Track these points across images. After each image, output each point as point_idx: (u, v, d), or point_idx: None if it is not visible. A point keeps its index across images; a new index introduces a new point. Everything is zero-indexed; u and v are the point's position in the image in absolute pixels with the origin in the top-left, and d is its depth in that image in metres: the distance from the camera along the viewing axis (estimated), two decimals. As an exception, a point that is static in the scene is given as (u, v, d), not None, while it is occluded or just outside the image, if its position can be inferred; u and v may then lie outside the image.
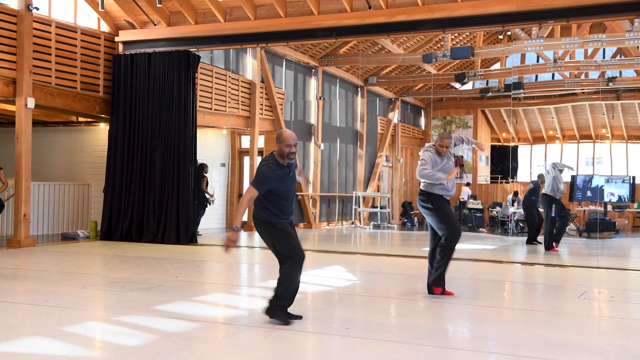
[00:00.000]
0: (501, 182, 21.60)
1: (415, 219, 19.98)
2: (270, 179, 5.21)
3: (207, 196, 13.52)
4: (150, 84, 12.54)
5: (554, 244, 12.15)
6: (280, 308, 5.32)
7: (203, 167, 13.55)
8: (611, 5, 9.76)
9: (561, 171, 12.19)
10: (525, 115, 22.01)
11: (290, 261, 5.29)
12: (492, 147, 23.10)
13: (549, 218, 12.09)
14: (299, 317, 5.39)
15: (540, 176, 13.19)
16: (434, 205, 6.70)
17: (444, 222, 6.67)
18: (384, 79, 19.45)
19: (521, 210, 14.79)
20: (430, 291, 6.71)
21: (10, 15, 10.93)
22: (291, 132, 5.34)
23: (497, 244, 14.28)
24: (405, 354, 4.47)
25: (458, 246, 6.74)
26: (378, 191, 19.85)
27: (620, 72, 18.11)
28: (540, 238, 13.04)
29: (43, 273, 8.21)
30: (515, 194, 17.46)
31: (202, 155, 14.15)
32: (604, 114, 20.53)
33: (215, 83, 14.37)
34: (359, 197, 18.17)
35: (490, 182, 22.16)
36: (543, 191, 12.33)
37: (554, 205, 12.03)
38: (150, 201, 12.34)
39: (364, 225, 18.15)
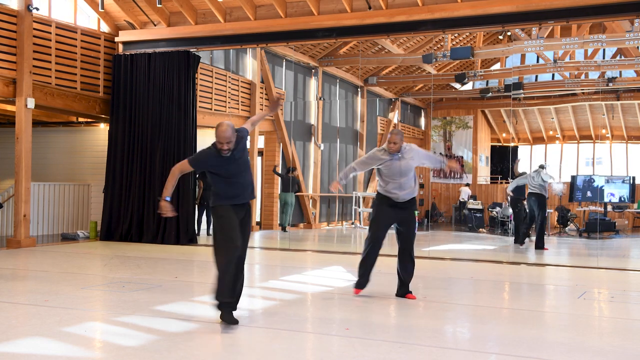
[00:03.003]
0: (501, 183, 21.60)
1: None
2: (205, 161, 5.28)
3: None
4: (150, 85, 12.54)
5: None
6: (220, 305, 5.19)
7: None
8: (611, 5, 9.76)
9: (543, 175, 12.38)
10: (525, 116, 22.01)
11: (220, 250, 5.18)
12: (492, 147, 23.10)
13: (540, 217, 12.19)
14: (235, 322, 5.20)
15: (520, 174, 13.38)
16: (374, 204, 6.73)
17: (370, 227, 6.65)
18: (384, 79, 19.45)
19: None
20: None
21: (10, 15, 10.94)
22: (226, 129, 5.09)
23: (497, 244, 14.27)
24: (405, 354, 4.47)
25: (458, 246, 6.74)
26: (378, 191, 19.82)
27: (620, 72, 18.10)
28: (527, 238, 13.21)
29: (43, 273, 8.21)
30: None
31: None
32: (604, 115, 20.52)
33: (215, 83, 14.37)
34: (359, 197, 18.17)
35: (490, 183, 22.15)
36: (532, 190, 12.39)
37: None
38: (150, 201, 12.34)
39: (364, 225, 18.14)
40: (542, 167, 12.51)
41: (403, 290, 6.70)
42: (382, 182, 6.59)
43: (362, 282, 6.77)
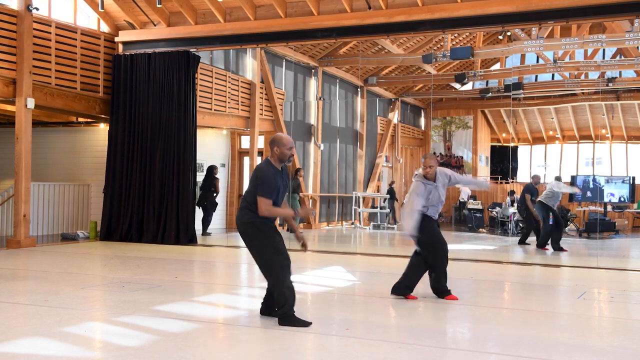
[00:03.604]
0: (501, 183, 21.60)
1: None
2: (274, 183, 5.16)
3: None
4: (150, 85, 12.54)
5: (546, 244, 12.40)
6: (292, 315, 5.24)
7: (214, 169, 13.79)
8: (611, 5, 9.76)
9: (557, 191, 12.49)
10: (525, 116, 22.01)
11: (275, 265, 5.20)
12: (492, 147, 23.11)
13: (547, 222, 12.25)
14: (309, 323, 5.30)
15: (536, 177, 13.34)
16: (423, 226, 6.59)
17: (429, 243, 6.66)
18: (383, 79, 19.45)
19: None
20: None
21: (10, 15, 10.93)
22: (288, 136, 5.35)
23: (497, 244, 14.27)
24: (405, 354, 4.47)
25: (457, 247, 6.77)
26: (378, 192, 19.85)
27: (620, 72, 18.12)
28: (530, 239, 13.27)
29: (43, 273, 8.21)
30: (511, 192, 17.46)
31: (202, 155, 14.17)
32: (603, 115, 20.53)
33: (215, 83, 14.37)
34: (358, 197, 18.17)
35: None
36: (540, 198, 12.52)
37: (551, 214, 12.21)
38: (150, 201, 12.34)
39: (364, 225, 18.15)
40: (557, 179, 12.85)
41: (442, 294, 6.72)
42: (423, 205, 6.64)
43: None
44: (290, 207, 5.85)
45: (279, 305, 5.23)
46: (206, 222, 13.99)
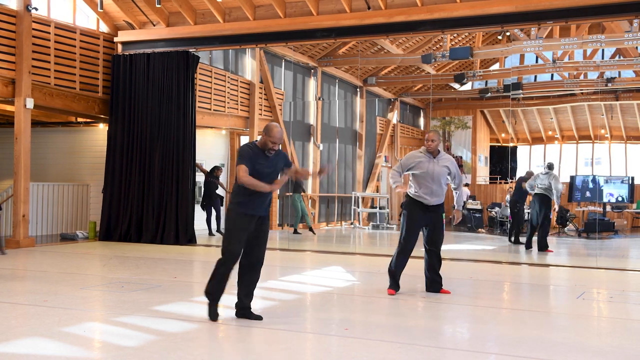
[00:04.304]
0: (500, 183, 21.61)
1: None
2: (251, 156, 5.26)
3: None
4: (149, 85, 12.53)
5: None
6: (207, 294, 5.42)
7: (217, 169, 13.82)
8: (610, 5, 9.77)
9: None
10: (524, 116, 22.03)
11: (224, 256, 5.36)
12: (491, 147, 23.12)
13: (547, 218, 11.95)
14: (259, 318, 5.40)
15: (529, 173, 13.10)
16: (405, 208, 6.81)
17: (401, 231, 6.80)
18: (383, 79, 19.45)
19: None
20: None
21: (9, 15, 10.93)
22: (280, 130, 5.37)
23: (496, 244, 14.27)
24: (405, 354, 4.47)
25: (457, 247, 6.77)
26: (377, 192, 19.85)
27: (619, 72, 18.12)
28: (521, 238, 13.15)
29: (42, 273, 8.21)
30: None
31: (201, 155, 14.15)
32: (602, 115, 20.54)
33: (215, 83, 14.37)
34: (358, 197, 18.17)
35: (489, 183, 22.16)
36: (538, 191, 11.87)
37: (544, 209, 11.82)
38: (149, 201, 12.34)
39: (363, 225, 18.15)
40: (550, 167, 11.92)
41: (436, 287, 6.87)
42: (414, 185, 6.75)
43: (395, 285, 6.86)
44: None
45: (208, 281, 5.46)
46: (210, 221, 14.00)
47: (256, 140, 5.46)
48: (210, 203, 13.86)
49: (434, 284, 6.90)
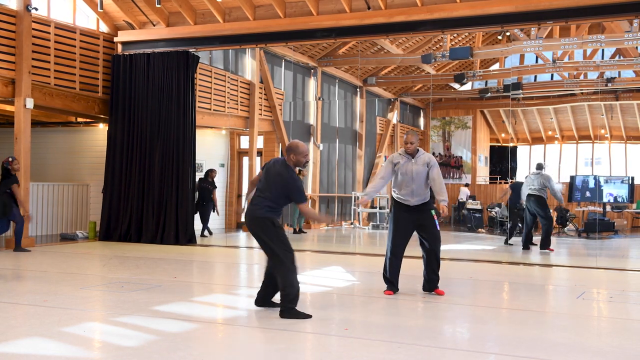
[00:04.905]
0: (500, 183, 21.61)
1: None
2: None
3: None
4: (149, 85, 12.54)
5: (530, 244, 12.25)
6: (293, 308, 5.53)
7: (211, 172, 13.78)
8: (610, 5, 9.77)
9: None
10: (524, 116, 22.03)
11: (286, 261, 5.56)
12: (491, 147, 23.12)
13: (547, 217, 11.95)
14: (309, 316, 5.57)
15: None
16: (391, 210, 6.89)
17: (389, 235, 6.86)
18: (383, 79, 19.45)
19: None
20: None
21: (9, 15, 10.93)
22: (304, 144, 5.80)
23: (496, 244, 14.27)
24: (405, 354, 4.47)
25: (457, 247, 6.78)
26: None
27: (619, 72, 18.12)
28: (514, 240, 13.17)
29: (42, 273, 8.21)
30: None
31: (201, 155, 14.16)
32: (602, 115, 20.55)
33: (214, 83, 14.37)
34: (358, 197, 18.17)
35: (489, 183, 22.17)
36: (536, 193, 11.80)
37: (542, 212, 11.85)
38: (149, 201, 12.34)
39: (363, 225, 18.15)
40: (539, 167, 11.97)
41: (431, 286, 6.91)
42: (395, 187, 6.80)
43: (392, 288, 6.92)
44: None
45: (286, 301, 5.52)
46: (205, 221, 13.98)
47: (285, 161, 5.69)
48: (204, 208, 13.75)
49: (429, 282, 6.91)
